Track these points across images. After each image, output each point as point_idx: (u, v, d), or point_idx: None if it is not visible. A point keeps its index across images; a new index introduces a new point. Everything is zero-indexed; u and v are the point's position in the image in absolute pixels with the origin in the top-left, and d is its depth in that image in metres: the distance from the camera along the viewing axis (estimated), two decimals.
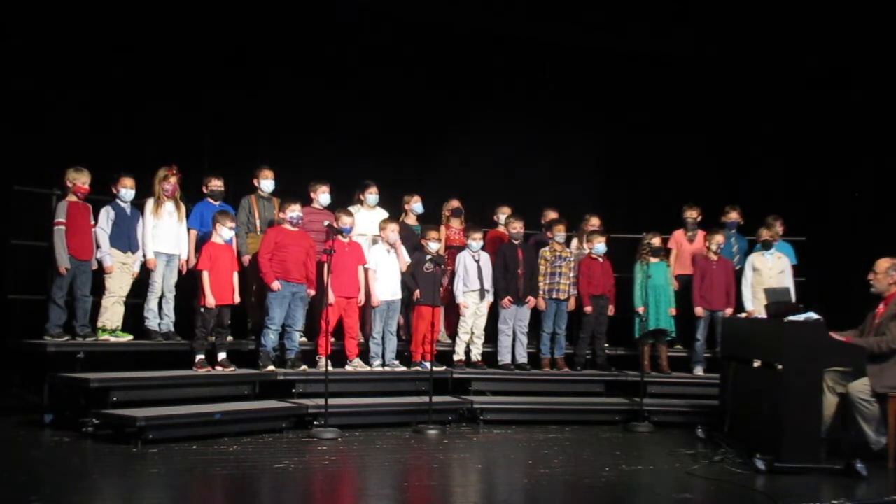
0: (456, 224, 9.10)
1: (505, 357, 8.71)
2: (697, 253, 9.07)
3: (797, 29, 10.17)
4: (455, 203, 9.12)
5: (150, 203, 7.74)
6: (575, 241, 9.33)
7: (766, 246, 8.81)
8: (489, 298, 8.62)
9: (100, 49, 8.61)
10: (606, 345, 9.02)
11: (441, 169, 10.30)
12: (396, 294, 8.29)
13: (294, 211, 7.81)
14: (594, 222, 9.23)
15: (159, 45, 8.94)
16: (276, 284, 7.66)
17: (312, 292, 8.02)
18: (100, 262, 7.51)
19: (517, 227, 8.73)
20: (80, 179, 7.38)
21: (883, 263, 6.87)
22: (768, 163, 10.66)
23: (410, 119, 10.39)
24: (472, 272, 8.55)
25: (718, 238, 8.82)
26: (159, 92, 8.89)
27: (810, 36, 10.21)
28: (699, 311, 8.76)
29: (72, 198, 7.36)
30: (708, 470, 6.31)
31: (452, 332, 8.83)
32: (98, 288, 7.56)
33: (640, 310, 8.63)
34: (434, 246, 8.43)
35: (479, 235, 8.65)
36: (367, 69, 10.10)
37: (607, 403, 8.66)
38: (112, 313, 7.53)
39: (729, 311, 8.74)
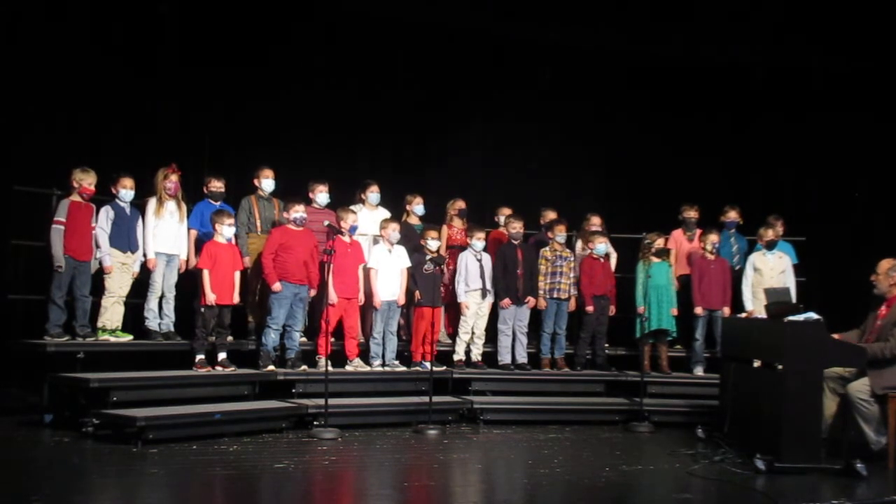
0: (458, 224, 9.11)
1: (505, 357, 8.71)
2: (694, 253, 9.06)
3: (796, 29, 10.18)
4: (461, 203, 9.12)
5: (151, 203, 7.74)
6: (580, 244, 9.30)
7: (771, 246, 8.79)
8: (491, 299, 8.62)
9: (100, 48, 8.62)
10: (606, 345, 9.02)
11: (440, 169, 10.30)
12: (397, 294, 8.29)
13: (298, 212, 7.80)
14: (595, 222, 9.23)
15: (159, 45, 8.95)
16: (277, 286, 7.66)
17: (313, 292, 8.03)
18: (100, 262, 7.51)
19: (517, 227, 8.73)
20: (87, 180, 7.38)
21: (884, 264, 6.86)
22: (768, 163, 10.66)
23: (411, 119, 10.40)
24: (474, 272, 8.55)
25: (713, 237, 8.82)
26: (160, 92, 8.89)
27: (810, 37, 10.22)
28: (699, 310, 8.76)
29: (75, 197, 7.36)
30: (708, 470, 6.31)
31: (453, 332, 8.84)
32: (98, 288, 7.56)
33: (641, 310, 8.64)
34: (433, 245, 8.43)
35: (482, 235, 8.66)
36: (368, 69, 10.11)
37: (607, 403, 8.65)
38: (112, 313, 7.52)
39: (726, 310, 8.74)
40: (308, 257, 7.84)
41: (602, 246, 8.85)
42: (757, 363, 7.06)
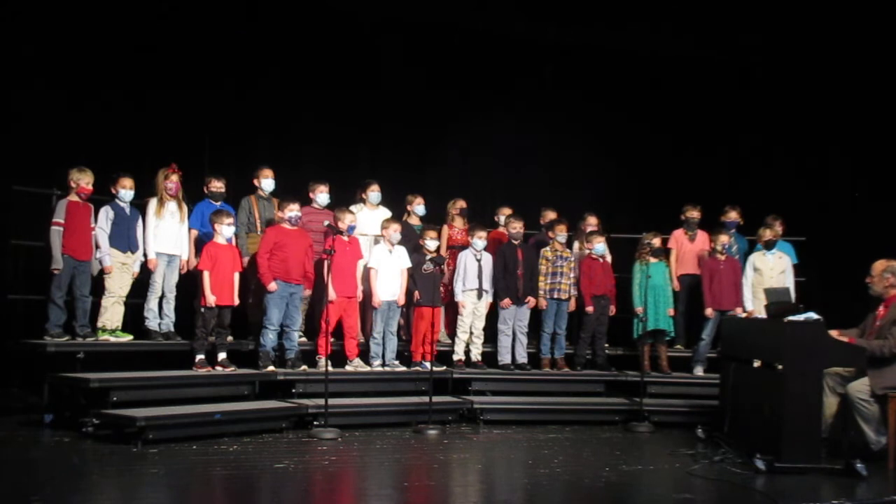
0: (459, 224, 9.11)
1: (505, 357, 8.71)
2: (703, 254, 9.04)
3: (796, 29, 10.18)
4: (462, 203, 9.13)
5: (152, 203, 7.74)
6: (577, 244, 9.31)
7: (769, 246, 8.79)
8: (487, 298, 8.61)
9: (100, 49, 8.62)
10: (606, 345, 9.02)
11: (441, 169, 10.30)
12: (397, 294, 8.29)
13: (293, 211, 7.81)
14: (592, 221, 9.22)
15: (159, 46, 8.95)
16: (272, 285, 7.66)
17: (308, 292, 8.03)
18: (100, 262, 7.51)
19: (517, 227, 8.73)
20: (84, 180, 7.38)
21: (878, 266, 6.87)
22: (768, 163, 10.66)
23: (411, 119, 10.39)
24: (472, 271, 8.55)
25: (723, 238, 8.80)
26: (159, 92, 8.89)
27: (810, 37, 10.22)
28: (709, 311, 8.72)
29: (73, 197, 7.36)
30: (708, 470, 6.31)
31: (452, 332, 8.84)
32: (98, 288, 7.56)
33: (639, 310, 8.64)
34: (432, 245, 8.43)
35: (483, 234, 8.66)
36: (368, 69, 10.10)
37: (607, 403, 8.65)
38: (112, 313, 7.53)
39: (739, 309, 8.70)
40: (303, 256, 7.83)
41: (601, 245, 8.84)
42: (757, 363, 7.06)
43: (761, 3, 10.00)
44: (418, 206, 8.98)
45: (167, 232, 7.77)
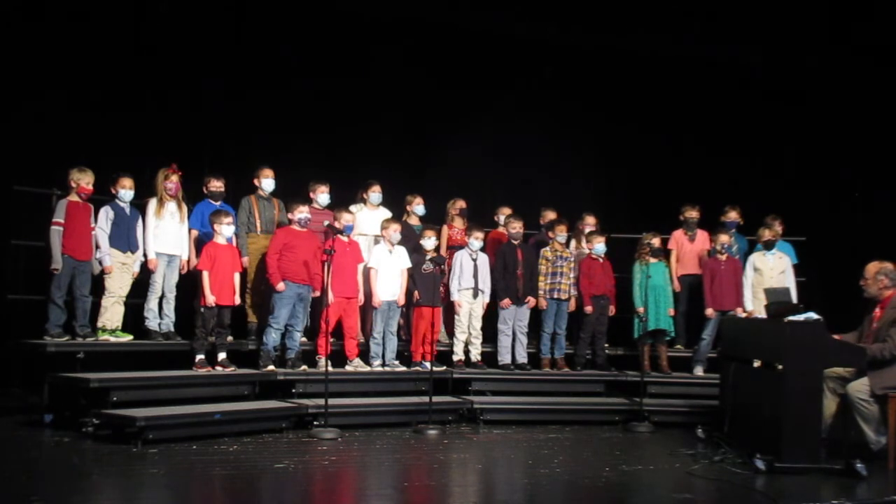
0: (459, 224, 9.11)
1: (505, 357, 8.71)
2: (704, 254, 9.03)
3: (797, 30, 10.18)
4: (462, 203, 9.14)
5: (152, 204, 7.74)
6: (573, 243, 9.32)
7: (769, 246, 8.79)
8: (483, 298, 8.61)
9: (100, 49, 8.62)
10: (606, 345, 9.02)
11: (441, 169, 10.30)
12: (397, 294, 8.29)
13: (302, 213, 7.83)
14: (590, 221, 9.23)
15: (159, 46, 8.95)
16: (281, 286, 7.67)
17: (317, 293, 8.04)
18: (100, 263, 7.51)
19: (517, 227, 8.73)
20: (84, 180, 7.38)
21: (871, 268, 6.88)
22: (768, 163, 10.66)
23: (410, 119, 10.40)
24: (468, 271, 8.55)
25: (723, 238, 8.79)
26: (159, 92, 8.90)
27: (810, 37, 10.22)
28: (710, 312, 8.72)
29: (73, 197, 7.36)
30: (708, 470, 6.31)
31: (452, 332, 8.83)
32: (98, 288, 7.56)
33: (640, 310, 8.65)
34: (429, 244, 8.43)
35: (480, 235, 8.66)
36: (368, 69, 10.10)
37: (607, 403, 8.65)
38: (112, 313, 7.52)
39: (739, 310, 8.69)
40: (311, 258, 7.85)
41: (601, 246, 8.85)
42: (757, 363, 7.06)
43: (761, 3, 10.00)
44: (418, 207, 8.98)
45: (167, 232, 7.77)
